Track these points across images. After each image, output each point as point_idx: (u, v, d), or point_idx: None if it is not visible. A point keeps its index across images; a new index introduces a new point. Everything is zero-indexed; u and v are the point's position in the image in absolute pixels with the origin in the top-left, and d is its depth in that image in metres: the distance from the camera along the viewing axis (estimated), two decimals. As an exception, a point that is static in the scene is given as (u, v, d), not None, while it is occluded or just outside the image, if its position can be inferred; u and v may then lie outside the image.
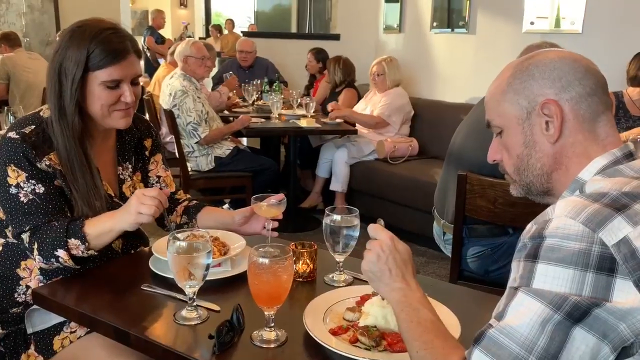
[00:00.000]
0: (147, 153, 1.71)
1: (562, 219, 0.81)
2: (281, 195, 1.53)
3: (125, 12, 6.75)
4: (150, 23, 8.00)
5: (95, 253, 1.42)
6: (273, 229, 1.55)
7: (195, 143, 3.77)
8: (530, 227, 0.86)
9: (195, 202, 1.76)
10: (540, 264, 0.80)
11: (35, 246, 1.38)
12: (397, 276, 1.02)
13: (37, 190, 1.40)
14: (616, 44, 3.55)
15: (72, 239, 1.37)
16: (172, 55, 5.03)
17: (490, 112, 1.04)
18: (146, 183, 1.71)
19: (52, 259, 1.38)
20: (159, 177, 1.74)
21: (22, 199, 1.39)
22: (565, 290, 0.78)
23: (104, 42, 1.41)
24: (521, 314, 0.80)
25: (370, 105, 4.48)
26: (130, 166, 1.64)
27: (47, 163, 1.41)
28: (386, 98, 4.34)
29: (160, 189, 1.73)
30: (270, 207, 1.51)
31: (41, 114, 1.48)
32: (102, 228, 1.39)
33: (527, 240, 0.85)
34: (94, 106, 1.45)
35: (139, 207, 1.34)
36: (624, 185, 0.85)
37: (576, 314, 0.77)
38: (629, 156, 0.93)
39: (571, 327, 0.77)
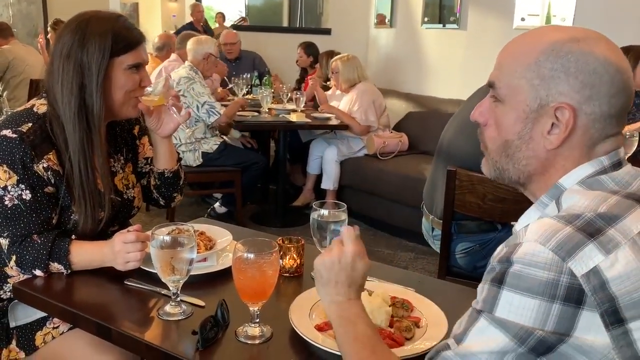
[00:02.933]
0: (137, 141, 1.69)
1: (532, 244, 0.76)
2: (163, 83, 1.54)
3: (114, 3, 6.68)
4: (191, 18, 7.66)
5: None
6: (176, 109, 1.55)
7: (214, 121, 3.75)
8: (501, 250, 0.82)
9: None
10: (505, 290, 0.77)
11: (14, 258, 1.36)
12: (340, 289, 0.98)
13: (24, 197, 1.36)
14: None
15: (55, 263, 1.35)
16: (160, 49, 5.00)
17: (502, 77, 0.90)
18: (136, 170, 1.68)
19: (29, 274, 1.37)
20: (146, 158, 1.71)
21: (6, 202, 1.35)
22: (529, 323, 0.74)
23: (123, 29, 1.43)
24: (482, 342, 0.77)
25: (341, 105, 4.33)
26: (122, 158, 1.62)
27: (46, 165, 1.37)
28: (357, 102, 4.17)
29: (150, 169, 1.69)
30: (152, 96, 1.50)
31: (35, 109, 1.42)
32: (90, 261, 1.37)
33: (495, 264, 0.81)
34: (116, 94, 1.44)
35: (126, 257, 1.32)
36: (601, 203, 0.79)
37: (540, 349, 0.75)
38: (617, 165, 0.86)
39: (535, 359, 0.75)
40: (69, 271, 1.36)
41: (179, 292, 1.19)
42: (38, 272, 1.35)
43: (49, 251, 1.34)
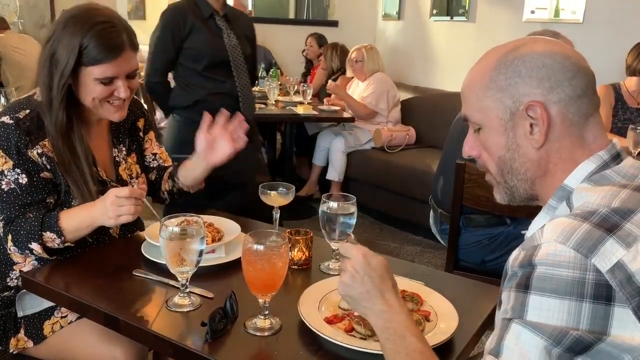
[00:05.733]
0: (141, 134, 1.69)
1: (552, 244, 0.76)
2: (291, 187, 1.58)
3: (121, -6, 6.66)
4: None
5: (72, 245, 1.39)
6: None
7: None
8: (518, 254, 0.81)
9: (176, 164, 1.74)
10: (532, 295, 0.76)
11: (9, 237, 1.36)
12: (375, 297, 0.95)
13: (20, 181, 1.37)
14: (617, 33, 3.52)
15: (48, 232, 1.35)
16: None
17: (469, 107, 0.96)
18: (142, 163, 1.69)
19: (27, 251, 1.37)
20: (154, 154, 1.72)
21: (3, 186, 1.36)
22: (562, 324, 0.74)
23: (98, 37, 1.35)
24: (520, 349, 0.76)
25: (355, 95, 4.40)
26: (124, 148, 1.61)
27: (40, 151, 1.38)
28: (371, 87, 4.28)
29: (158, 165, 1.71)
30: (278, 195, 1.54)
31: (35, 97, 1.44)
32: (79, 222, 1.37)
33: (516, 269, 0.79)
34: (86, 98, 1.42)
35: (118, 210, 1.31)
36: (613, 199, 0.80)
37: (578, 348, 0.74)
38: (617, 157, 0.88)
39: (574, 357, 0.75)
40: (63, 239, 1.36)
41: (187, 283, 1.19)
42: (34, 246, 1.35)
43: (41, 222, 1.35)
